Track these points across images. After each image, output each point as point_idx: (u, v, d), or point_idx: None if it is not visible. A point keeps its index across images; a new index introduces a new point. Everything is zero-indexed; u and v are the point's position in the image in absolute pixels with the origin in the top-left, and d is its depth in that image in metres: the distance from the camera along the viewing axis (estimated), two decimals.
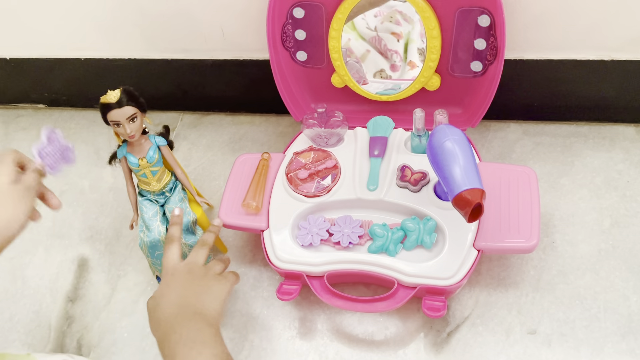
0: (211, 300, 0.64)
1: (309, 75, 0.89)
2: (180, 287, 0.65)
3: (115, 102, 0.71)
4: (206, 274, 0.67)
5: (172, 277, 0.67)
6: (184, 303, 0.63)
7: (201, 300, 0.64)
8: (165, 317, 0.62)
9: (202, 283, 0.66)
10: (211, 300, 0.64)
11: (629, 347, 0.72)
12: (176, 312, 0.62)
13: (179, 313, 0.62)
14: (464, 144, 0.68)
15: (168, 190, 0.79)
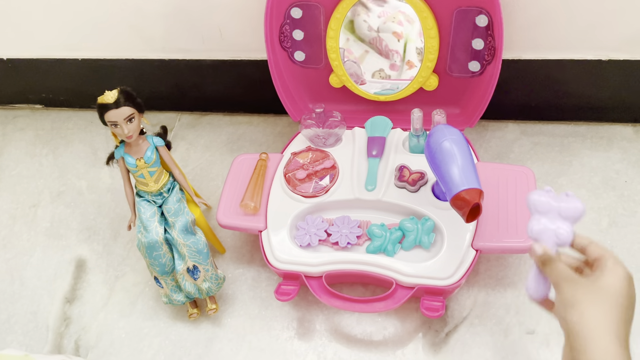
0: (627, 331, 0.54)
1: (306, 75, 0.88)
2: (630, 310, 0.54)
3: (112, 102, 0.71)
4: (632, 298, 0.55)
5: (629, 286, 0.55)
6: (624, 335, 0.53)
7: (625, 334, 0.53)
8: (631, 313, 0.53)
9: (630, 312, 0.54)
10: (627, 331, 0.54)
11: None
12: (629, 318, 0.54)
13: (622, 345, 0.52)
14: (462, 144, 0.68)
15: (166, 191, 0.79)
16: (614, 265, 0.54)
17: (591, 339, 0.52)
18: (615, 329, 0.52)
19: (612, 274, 0.54)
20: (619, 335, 0.52)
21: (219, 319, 0.82)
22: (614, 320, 0.52)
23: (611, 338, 0.52)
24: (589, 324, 0.52)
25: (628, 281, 0.54)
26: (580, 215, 0.55)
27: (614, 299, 0.53)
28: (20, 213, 0.99)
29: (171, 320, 0.83)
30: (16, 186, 1.04)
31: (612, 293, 0.53)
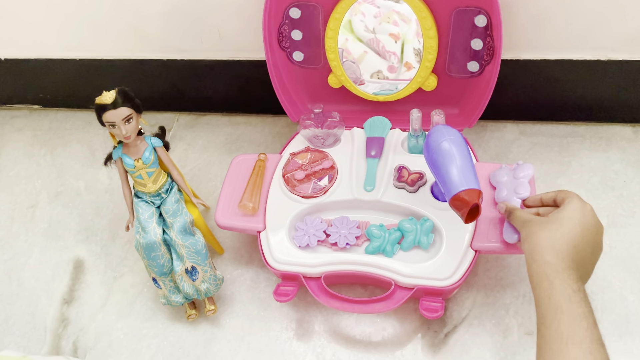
0: (590, 262, 0.63)
1: (305, 75, 0.88)
2: (589, 234, 0.62)
3: (110, 103, 0.70)
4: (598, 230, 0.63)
5: (588, 215, 0.63)
6: (590, 265, 0.63)
7: (591, 267, 0.63)
8: (569, 256, 0.60)
9: (599, 241, 0.64)
10: (590, 262, 0.63)
11: (627, 347, 0.72)
12: (581, 259, 0.60)
13: (582, 264, 0.60)
14: (461, 145, 0.68)
15: (164, 192, 0.79)
16: (571, 199, 0.63)
17: (532, 255, 0.61)
18: (558, 247, 0.59)
19: (568, 207, 0.62)
20: (559, 253, 0.59)
21: (218, 320, 0.82)
22: (558, 241, 0.60)
23: (551, 253, 0.59)
24: (533, 246, 0.61)
25: (582, 211, 0.62)
26: (530, 174, 0.74)
27: (564, 226, 0.61)
28: (18, 214, 0.99)
29: (169, 321, 0.83)
30: (14, 187, 1.03)
31: (563, 221, 0.61)
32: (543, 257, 0.59)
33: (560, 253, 0.59)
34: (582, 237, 0.61)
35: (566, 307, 0.56)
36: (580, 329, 0.55)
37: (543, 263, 0.59)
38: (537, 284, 0.59)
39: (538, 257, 0.60)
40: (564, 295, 0.57)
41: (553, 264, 0.59)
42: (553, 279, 0.58)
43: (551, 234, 0.61)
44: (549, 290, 0.58)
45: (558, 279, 0.58)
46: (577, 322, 0.55)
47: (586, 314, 0.56)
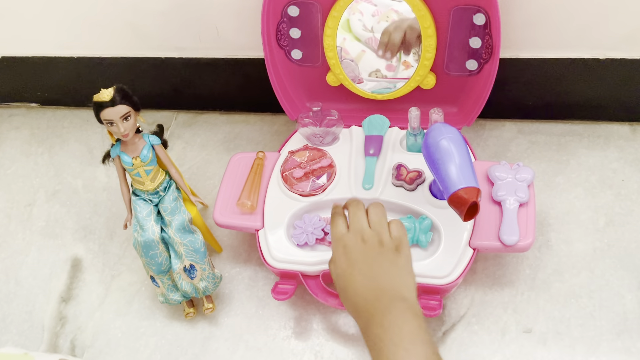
0: (403, 277, 0.60)
1: (304, 73, 0.88)
2: (363, 266, 0.60)
3: (108, 100, 0.70)
4: (381, 242, 0.61)
5: (346, 251, 0.62)
6: (377, 287, 0.58)
7: (394, 280, 0.59)
8: (362, 306, 0.58)
9: (386, 258, 0.60)
10: (403, 277, 0.60)
11: (625, 345, 0.72)
12: (372, 296, 0.58)
13: (376, 300, 0.57)
14: (460, 143, 0.68)
15: (162, 190, 0.79)
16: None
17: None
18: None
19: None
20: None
21: (216, 318, 0.81)
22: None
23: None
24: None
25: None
26: (530, 178, 0.75)
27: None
28: (15, 212, 0.99)
29: (167, 320, 0.83)
30: (11, 185, 1.03)
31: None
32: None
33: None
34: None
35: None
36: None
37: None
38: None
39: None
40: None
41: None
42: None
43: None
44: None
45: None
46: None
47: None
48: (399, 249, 0.61)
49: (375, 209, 0.65)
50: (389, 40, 0.81)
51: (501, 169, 0.77)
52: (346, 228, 0.64)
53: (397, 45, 0.82)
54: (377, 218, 0.64)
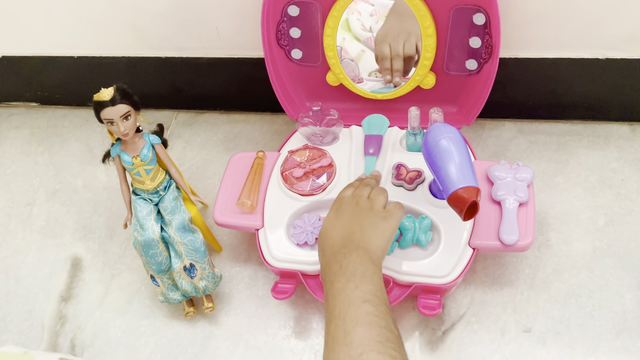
0: (376, 237, 0.65)
1: (304, 73, 0.88)
2: (347, 219, 0.67)
3: (108, 100, 0.70)
4: (372, 208, 0.68)
5: (340, 207, 0.69)
6: (350, 236, 0.65)
7: (366, 236, 0.65)
8: (330, 246, 0.65)
9: (369, 219, 0.67)
10: (376, 237, 0.65)
11: (624, 345, 0.72)
12: (341, 242, 0.64)
13: (344, 244, 0.64)
14: (460, 142, 0.68)
15: (162, 189, 0.79)
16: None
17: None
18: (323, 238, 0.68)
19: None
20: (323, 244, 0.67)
21: (216, 317, 0.82)
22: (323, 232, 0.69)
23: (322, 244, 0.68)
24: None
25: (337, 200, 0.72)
26: (530, 178, 0.75)
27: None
28: (15, 211, 0.99)
29: (167, 319, 0.83)
30: (11, 184, 1.03)
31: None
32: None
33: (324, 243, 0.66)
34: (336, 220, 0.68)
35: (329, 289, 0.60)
36: (340, 300, 0.58)
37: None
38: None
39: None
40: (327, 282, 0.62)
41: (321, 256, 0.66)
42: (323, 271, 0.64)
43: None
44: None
45: (324, 270, 0.64)
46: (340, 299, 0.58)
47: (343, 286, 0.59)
48: (386, 219, 0.67)
49: (380, 190, 0.72)
50: (392, 66, 0.84)
51: (501, 169, 0.77)
52: (350, 194, 0.71)
53: (401, 70, 0.84)
54: (377, 193, 0.71)
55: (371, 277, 0.60)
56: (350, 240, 0.64)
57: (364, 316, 0.55)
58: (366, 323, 0.55)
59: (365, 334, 0.54)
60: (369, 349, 0.52)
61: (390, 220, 0.67)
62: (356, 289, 0.58)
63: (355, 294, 0.57)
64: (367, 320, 0.55)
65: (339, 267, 0.61)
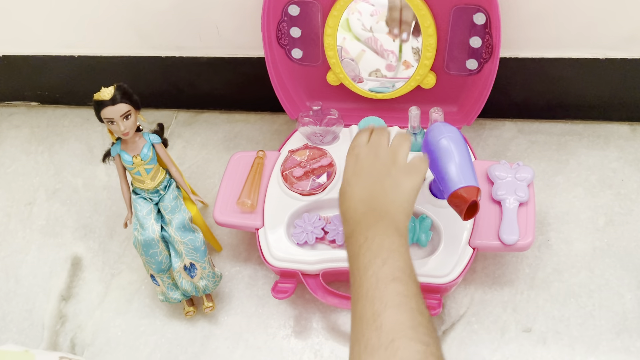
0: (401, 200, 0.60)
1: (304, 73, 0.88)
2: (366, 178, 0.62)
3: (109, 99, 0.70)
4: (394, 162, 0.62)
5: (357, 160, 0.64)
6: (372, 202, 0.60)
7: (390, 199, 0.60)
8: (352, 214, 0.60)
9: (391, 176, 0.61)
10: (401, 200, 0.60)
11: (624, 344, 0.72)
12: (363, 210, 0.60)
13: (367, 212, 0.59)
14: (460, 142, 0.68)
15: (162, 188, 0.79)
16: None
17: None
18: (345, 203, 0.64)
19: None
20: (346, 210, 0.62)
21: (216, 317, 0.82)
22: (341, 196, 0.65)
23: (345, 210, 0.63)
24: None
25: (350, 154, 0.66)
26: (530, 177, 0.75)
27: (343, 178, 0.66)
28: (15, 211, 0.99)
29: (167, 319, 0.83)
30: (11, 184, 1.03)
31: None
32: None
33: (347, 210, 0.61)
34: (357, 179, 0.62)
35: (354, 264, 0.57)
36: (367, 277, 0.54)
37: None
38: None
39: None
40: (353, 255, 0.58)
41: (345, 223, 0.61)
42: (347, 239, 0.60)
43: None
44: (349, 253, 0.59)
45: (349, 239, 0.59)
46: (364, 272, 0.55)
47: (371, 261, 0.55)
48: (409, 174, 0.61)
49: (401, 137, 0.64)
50: (402, 16, 0.79)
51: (501, 169, 0.77)
52: (366, 141, 0.65)
53: (410, 23, 0.80)
54: (399, 142, 0.64)
55: (399, 250, 0.56)
56: (373, 208, 0.59)
57: (394, 297, 0.52)
58: (396, 305, 0.51)
59: (395, 318, 0.50)
60: (400, 335, 0.49)
61: (414, 176, 0.61)
62: (384, 266, 0.54)
63: (384, 271, 0.53)
64: (397, 301, 0.51)
65: (365, 239, 0.57)
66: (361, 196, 0.61)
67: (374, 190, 0.61)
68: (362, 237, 0.57)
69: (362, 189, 0.62)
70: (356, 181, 0.62)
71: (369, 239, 0.57)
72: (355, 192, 0.62)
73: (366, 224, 0.58)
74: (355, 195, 0.62)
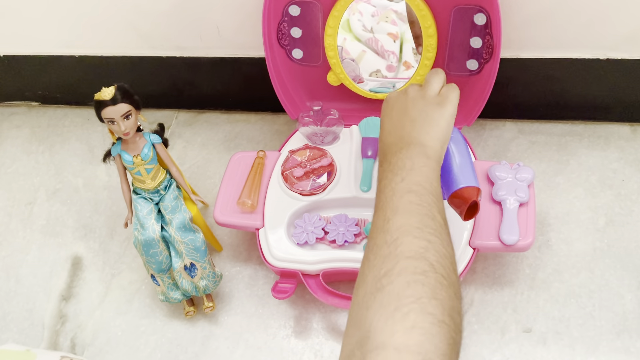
0: (430, 128, 0.60)
1: (304, 73, 0.88)
2: (395, 113, 0.63)
3: (109, 99, 0.70)
4: (423, 96, 0.63)
5: (387, 104, 0.66)
6: (399, 132, 0.61)
7: (417, 128, 0.60)
8: (381, 147, 0.62)
9: (418, 108, 0.62)
10: (430, 128, 0.60)
11: (624, 345, 0.72)
12: (391, 141, 0.61)
13: (394, 142, 0.60)
14: (460, 142, 0.68)
15: (163, 188, 0.79)
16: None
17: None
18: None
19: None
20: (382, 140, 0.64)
21: (216, 317, 0.82)
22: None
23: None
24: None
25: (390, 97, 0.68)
26: (530, 178, 0.75)
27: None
28: (15, 211, 0.99)
29: (167, 318, 0.83)
30: (12, 183, 1.03)
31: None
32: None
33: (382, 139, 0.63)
34: (392, 111, 0.64)
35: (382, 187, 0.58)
36: (384, 194, 0.56)
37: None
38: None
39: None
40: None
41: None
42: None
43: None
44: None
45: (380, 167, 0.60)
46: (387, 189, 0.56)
47: (389, 179, 0.57)
48: (440, 104, 0.62)
49: (433, 72, 0.66)
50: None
51: (501, 169, 0.77)
52: (400, 90, 0.67)
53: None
54: (429, 77, 0.65)
55: (420, 169, 0.56)
56: (400, 137, 0.60)
57: (406, 205, 0.52)
58: (407, 211, 0.52)
59: (403, 221, 0.51)
60: (405, 234, 0.50)
61: (445, 105, 0.61)
62: (402, 182, 0.55)
63: (400, 186, 0.54)
64: (408, 208, 0.52)
65: (388, 164, 0.58)
66: (388, 129, 0.63)
67: (401, 121, 0.62)
68: (386, 163, 0.59)
69: (390, 122, 0.63)
70: (385, 120, 0.64)
71: (392, 163, 0.58)
72: (385, 126, 0.64)
73: (392, 153, 0.59)
74: (385, 130, 0.63)
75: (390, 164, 0.58)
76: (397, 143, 0.60)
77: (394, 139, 0.61)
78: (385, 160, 0.59)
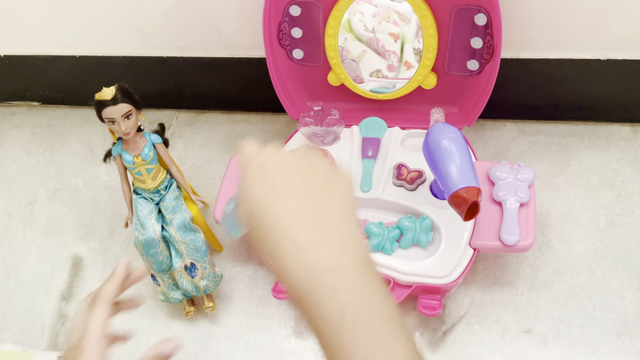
0: (347, 210, 0.40)
1: (305, 73, 0.88)
2: (291, 181, 0.39)
3: (110, 99, 0.70)
4: (316, 161, 0.41)
5: (263, 168, 0.40)
6: (315, 229, 0.38)
7: (333, 214, 0.39)
8: (291, 249, 0.37)
9: (321, 179, 0.40)
10: (347, 210, 0.40)
11: (624, 345, 0.72)
12: (306, 242, 0.37)
13: (316, 246, 0.37)
14: (461, 143, 0.68)
15: (163, 188, 0.79)
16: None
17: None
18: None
19: None
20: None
21: (216, 317, 0.82)
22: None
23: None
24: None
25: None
26: (531, 178, 0.75)
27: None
28: (16, 210, 0.99)
29: (168, 318, 0.83)
30: (12, 183, 1.03)
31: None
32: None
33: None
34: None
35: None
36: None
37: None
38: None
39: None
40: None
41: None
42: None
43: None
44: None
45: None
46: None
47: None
48: (337, 180, 0.41)
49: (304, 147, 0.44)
50: None
51: (502, 169, 0.77)
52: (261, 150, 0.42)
53: None
54: (304, 149, 0.43)
55: (398, 339, 0.36)
56: (320, 236, 0.37)
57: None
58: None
59: None
60: None
61: (342, 182, 0.41)
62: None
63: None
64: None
65: (341, 317, 0.35)
66: (293, 220, 0.38)
67: (308, 203, 0.39)
68: (334, 310, 0.36)
69: (292, 200, 0.39)
70: (275, 197, 0.39)
71: (347, 319, 0.35)
72: (281, 206, 0.39)
73: (328, 273, 0.36)
74: (287, 220, 0.38)
75: (344, 318, 0.36)
76: (325, 247, 0.37)
77: (310, 240, 0.38)
78: (326, 291, 0.37)
